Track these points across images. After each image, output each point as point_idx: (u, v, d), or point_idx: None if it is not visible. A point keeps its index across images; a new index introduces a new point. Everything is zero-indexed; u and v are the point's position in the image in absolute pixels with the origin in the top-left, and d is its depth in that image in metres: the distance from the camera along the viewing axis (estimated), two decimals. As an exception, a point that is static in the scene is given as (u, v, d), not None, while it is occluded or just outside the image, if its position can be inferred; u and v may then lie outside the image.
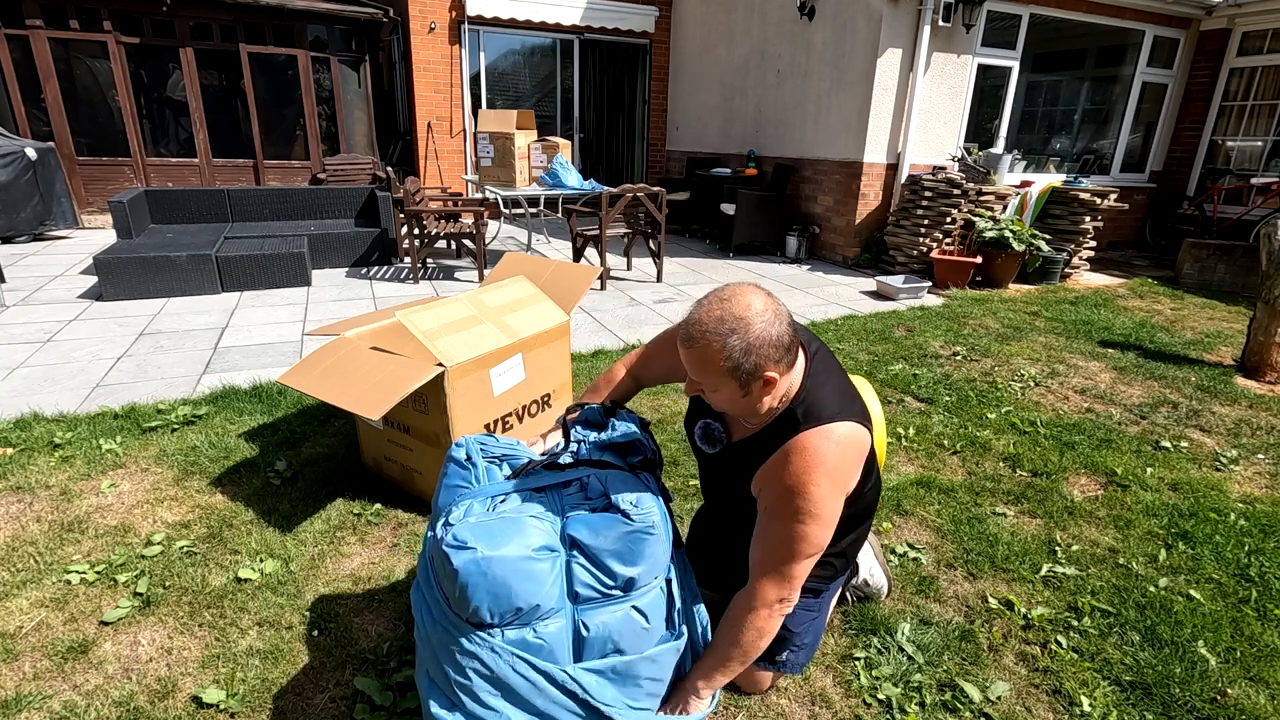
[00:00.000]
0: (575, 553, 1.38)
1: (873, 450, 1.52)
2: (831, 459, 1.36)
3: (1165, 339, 4.85)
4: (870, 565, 2.03)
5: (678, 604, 1.51)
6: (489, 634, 1.33)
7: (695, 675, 1.51)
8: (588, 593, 1.37)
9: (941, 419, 3.39)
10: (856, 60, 6.65)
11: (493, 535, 1.33)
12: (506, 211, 6.73)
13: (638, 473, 1.56)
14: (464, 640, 1.33)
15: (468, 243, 6.64)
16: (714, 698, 1.57)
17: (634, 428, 1.69)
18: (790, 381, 1.40)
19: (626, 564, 1.37)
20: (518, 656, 1.32)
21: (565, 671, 1.34)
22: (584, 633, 1.37)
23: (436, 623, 1.38)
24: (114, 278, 5.03)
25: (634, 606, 1.40)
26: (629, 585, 1.39)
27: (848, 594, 2.03)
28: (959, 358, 4.31)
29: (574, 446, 1.59)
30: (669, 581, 1.49)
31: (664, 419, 3.24)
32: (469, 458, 1.55)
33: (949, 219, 6.30)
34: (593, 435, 1.65)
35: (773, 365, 1.31)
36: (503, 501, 1.45)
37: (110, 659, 1.79)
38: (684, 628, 1.51)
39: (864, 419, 1.45)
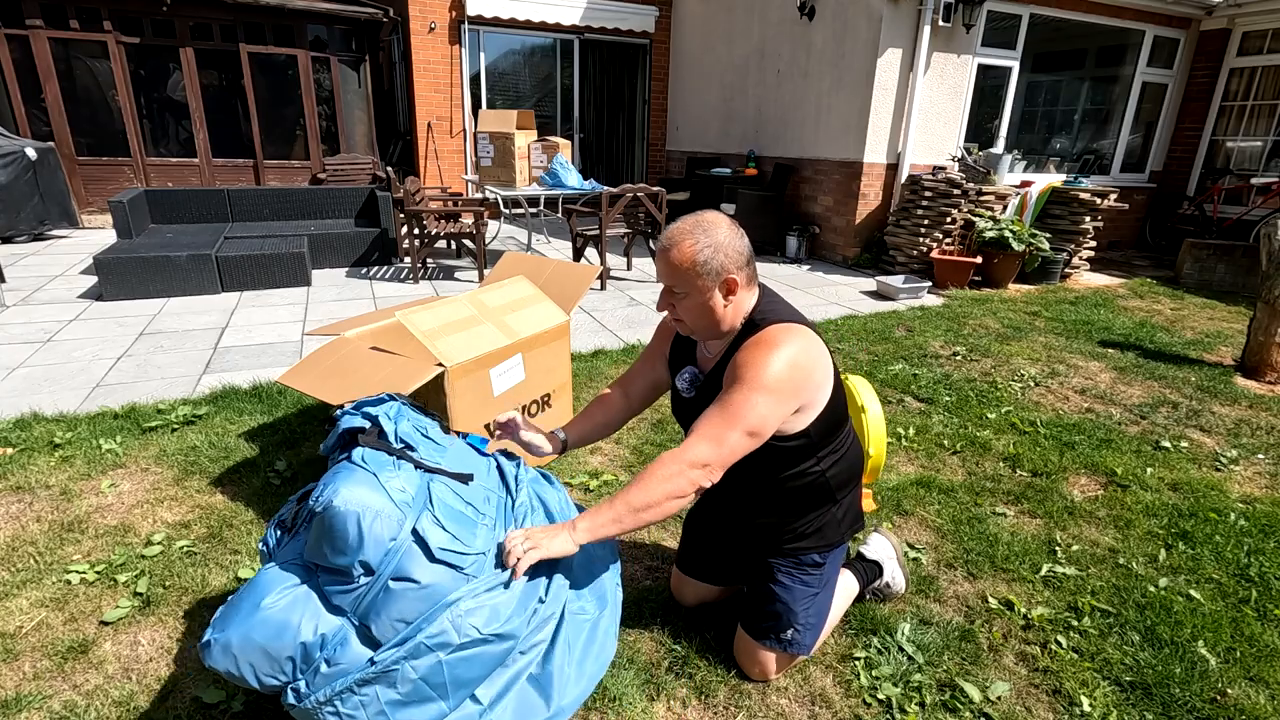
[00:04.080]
0: (312, 575, 1.32)
1: (837, 373, 1.62)
2: (789, 343, 1.46)
3: (1165, 339, 4.85)
4: (893, 570, 2.05)
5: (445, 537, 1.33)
6: (297, 698, 1.25)
7: (583, 514, 1.43)
8: (342, 598, 1.29)
9: (941, 419, 3.39)
10: (856, 60, 6.65)
11: (227, 618, 1.28)
12: (506, 211, 6.73)
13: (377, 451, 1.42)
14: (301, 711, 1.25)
15: (468, 243, 6.64)
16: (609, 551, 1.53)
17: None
18: (750, 298, 1.56)
19: (338, 553, 1.27)
20: (342, 696, 1.24)
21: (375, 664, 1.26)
22: (371, 630, 1.29)
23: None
24: (114, 277, 5.03)
25: (391, 579, 1.27)
26: (366, 569, 1.27)
27: (868, 594, 2.05)
28: (959, 358, 4.31)
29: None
30: (417, 533, 1.31)
31: (664, 418, 3.24)
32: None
33: (949, 219, 6.30)
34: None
35: (736, 270, 1.48)
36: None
37: (110, 659, 1.79)
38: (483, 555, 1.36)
39: (818, 335, 1.57)
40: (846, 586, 1.93)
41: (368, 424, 1.49)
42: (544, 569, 1.40)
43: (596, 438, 1.84)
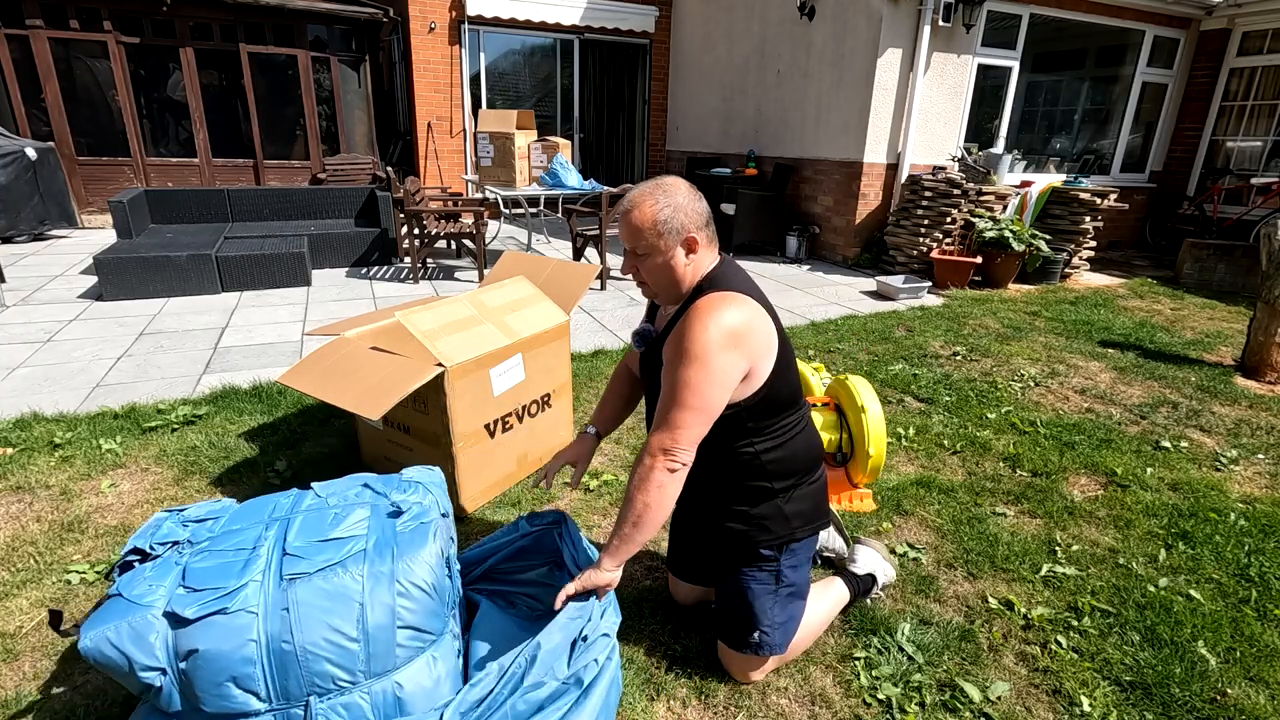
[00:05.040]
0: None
1: (786, 345, 1.60)
2: (725, 313, 1.45)
3: (1165, 339, 4.85)
4: (886, 573, 2.07)
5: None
6: None
7: (602, 553, 1.50)
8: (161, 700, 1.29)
9: (941, 419, 3.39)
10: (856, 60, 6.65)
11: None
12: (506, 211, 6.73)
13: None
14: None
15: (468, 243, 6.64)
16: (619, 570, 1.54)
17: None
18: (709, 261, 1.56)
19: (128, 682, 1.26)
20: None
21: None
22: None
23: None
24: (114, 277, 5.03)
25: (179, 664, 1.25)
26: (158, 671, 1.26)
27: (868, 601, 2.06)
28: (959, 358, 4.31)
29: None
30: (171, 613, 1.27)
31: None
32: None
33: (949, 219, 6.30)
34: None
35: (696, 229, 1.50)
36: None
37: (110, 659, 1.78)
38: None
39: (767, 307, 1.55)
40: (835, 593, 1.92)
41: (133, 556, 1.46)
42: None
43: (625, 417, 1.93)
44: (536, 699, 1.31)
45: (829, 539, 2.21)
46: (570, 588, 1.45)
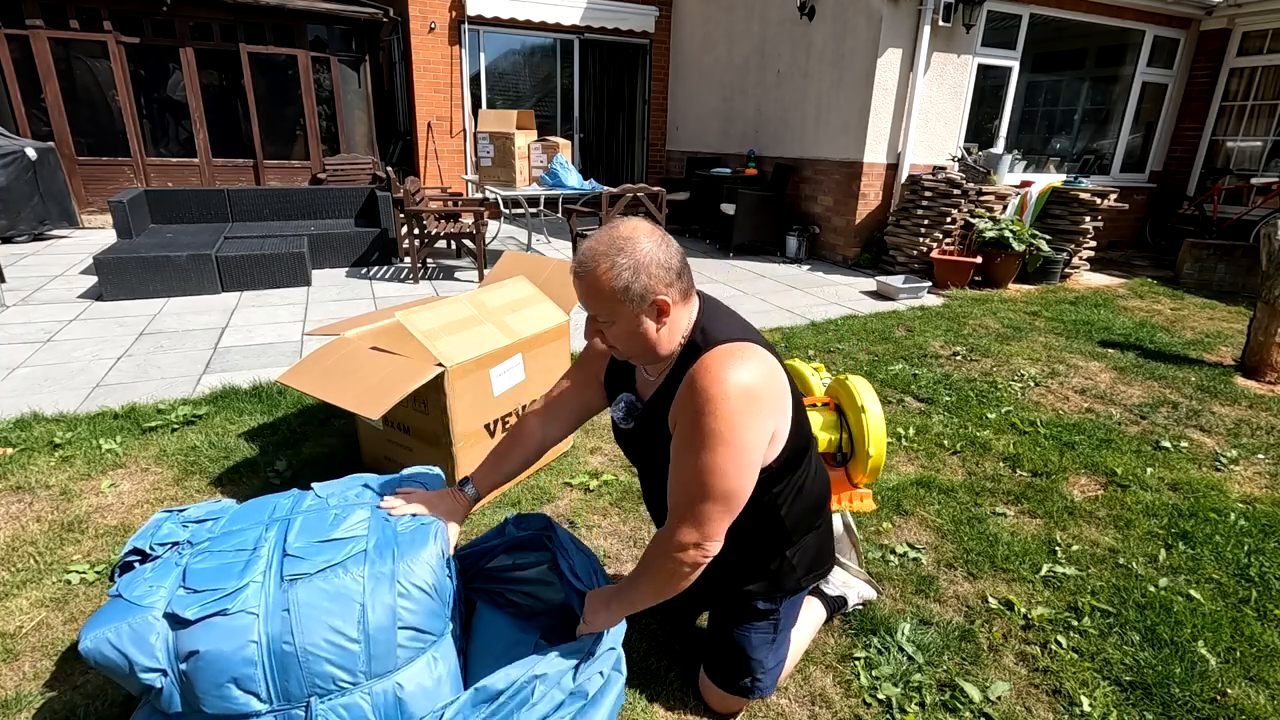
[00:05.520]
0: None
1: (798, 399, 1.42)
2: (739, 372, 1.24)
3: (1165, 339, 4.85)
4: (860, 591, 2.01)
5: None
6: None
7: (604, 601, 1.40)
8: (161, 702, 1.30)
9: (941, 419, 3.39)
10: (856, 60, 6.65)
11: None
12: (506, 211, 6.73)
13: None
14: None
15: (468, 243, 6.64)
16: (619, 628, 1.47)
17: None
18: (687, 316, 1.34)
19: (129, 683, 1.26)
20: None
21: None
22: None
23: None
24: (114, 277, 5.03)
25: (180, 666, 1.26)
26: (158, 672, 1.26)
27: (844, 613, 2.02)
28: (959, 358, 4.31)
29: None
30: (172, 614, 1.27)
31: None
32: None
33: (949, 219, 6.30)
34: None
35: (664, 288, 1.26)
36: None
37: (110, 659, 1.79)
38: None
39: (771, 349, 1.36)
40: (813, 615, 1.86)
41: (134, 557, 1.46)
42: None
43: (511, 480, 1.68)
44: (541, 711, 1.31)
45: (860, 595, 2.01)
46: (580, 631, 1.43)
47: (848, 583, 2.01)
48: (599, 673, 1.38)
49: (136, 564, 1.43)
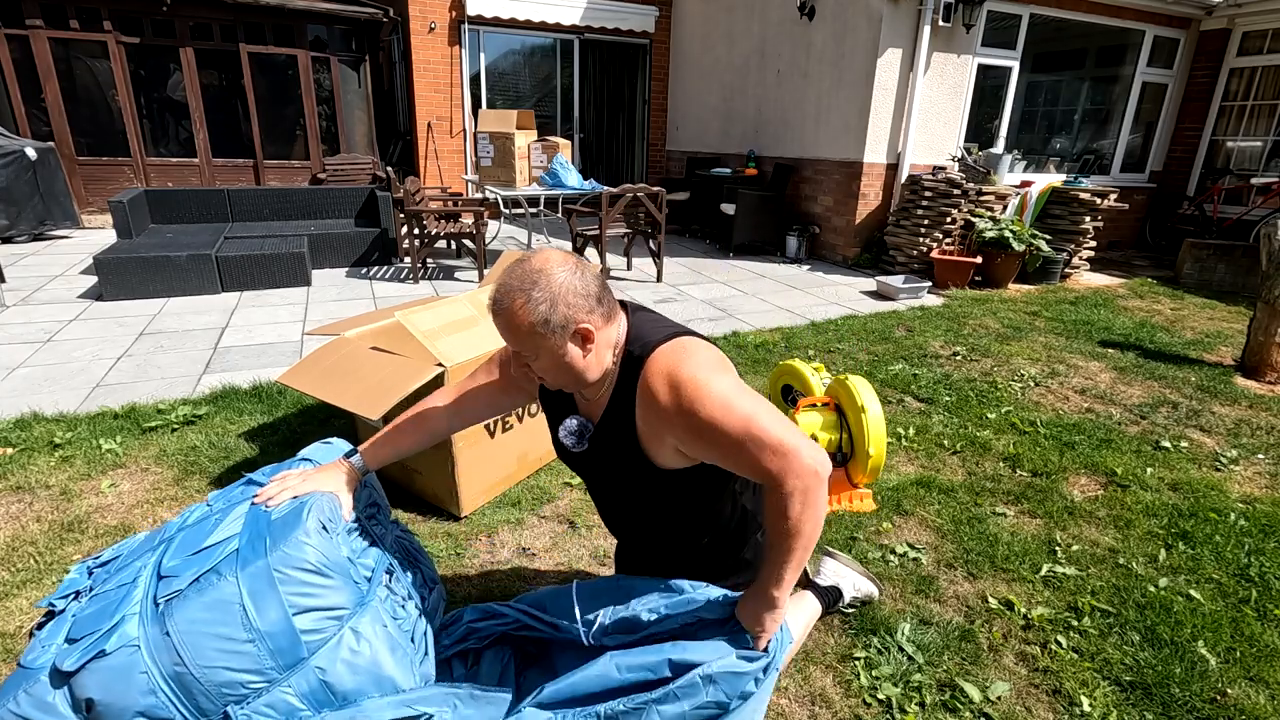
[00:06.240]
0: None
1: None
2: (693, 355, 1.26)
3: (1165, 339, 4.85)
4: (856, 583, 2.01)
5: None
6: None
7: (765, 584, 1.30)
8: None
9: (941, 419, 3.39)
10: (856, 60, 6.65)
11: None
12: (506, 211, 6.73)
13: None
14: None
15: (468, 243, 6.64)
16: (783, 636, 1.39)
17: None
18: (616, 335, 1.32)
19: None
20: None
21: None
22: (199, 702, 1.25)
23: None
24: (114, 277, 5.03)
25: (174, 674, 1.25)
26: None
27: (843, 610, 2.02)
28: (959, 358, 4.31)
29: None
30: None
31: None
32: None
33: (949, 219, 6.30)
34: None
35: (585, 315, 1.24)
36: None
37: (110, 659, 1.78)
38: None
39: (707, 342, 1.36)
40: (807, 608, 1.84)
41: (44, 618, 1.44)
42: None
43: (398, 458, 1.63)
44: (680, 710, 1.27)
45: (856, 587, 2.02)
46: (760, 643, 1.34)
47: (839, 572, 2.01)
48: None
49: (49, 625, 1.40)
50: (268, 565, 1.28)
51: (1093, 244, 6.80)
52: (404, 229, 6.24)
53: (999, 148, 7.23)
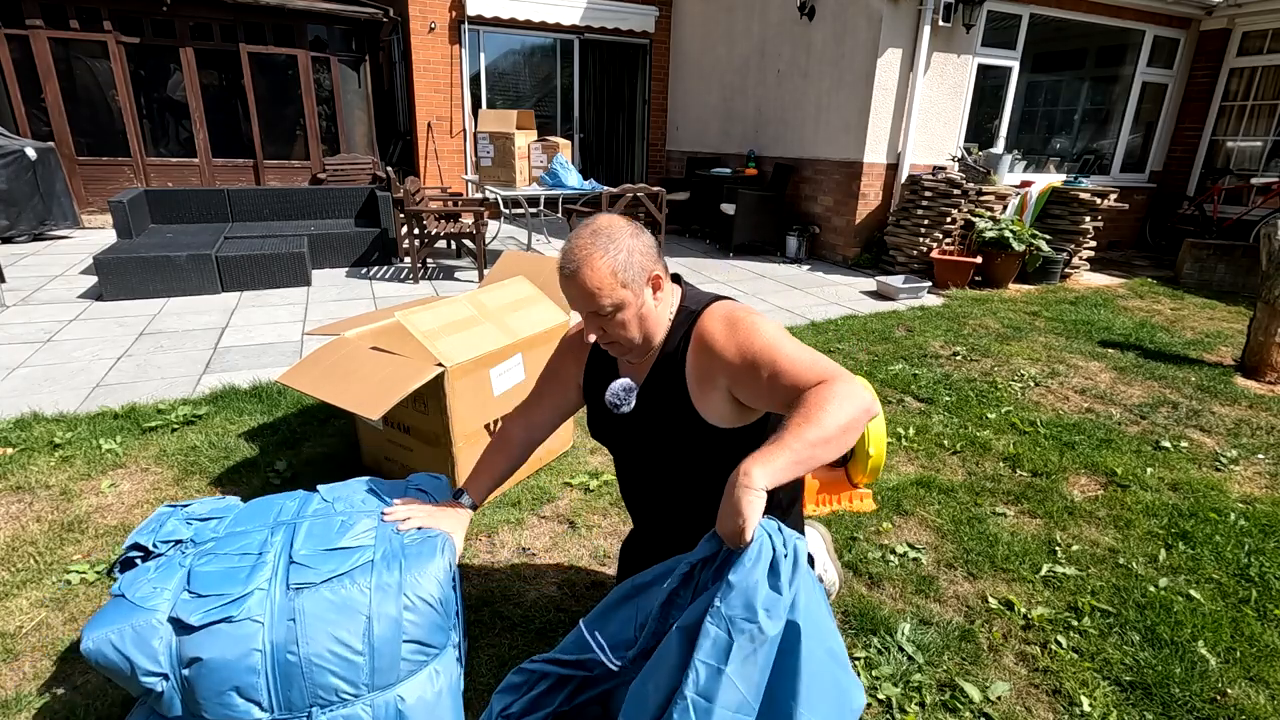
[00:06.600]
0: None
1: None
2: (747, 308, 1.38)
3: (1165, 339, 4.85)
4: (824, 562, 1.98)
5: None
6: None
7: (749, 460, 1.11)
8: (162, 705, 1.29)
9: (941, 419, 3.39)
10: (856, 60, 6.65)
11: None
12: (506, 211, 6.73)
13: None
14: None
15: (468, 243, 6.64)
16: (768, 533, 1.12)
17: None
18: (673, 288, 1.46)
19: (130, 685, 1.26)
20: None
21: None
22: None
23: None
24: (114, 277, 5.03)
25: (183, 671, 1.23)
26: (159, 676, 1.24)
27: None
28: (959, 358, 4.31)
29: None
30: (175, 619, 1.25)
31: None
32: None
33: (949, 219, 6.30)
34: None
35: (654, 264, 1.37)
36: None
37: (110, 659, 1.78)
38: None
39: None
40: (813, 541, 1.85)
41: (135, 553, 1.45)
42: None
43: (505, 482, 1.69)
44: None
45: (825, 572, 1.97)
46: (744, 535, 1.08)
47: (815, 544, 1.95)
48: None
49: (138, 560, 1.42)
50: (399, 587, 1.31)
51: (1093, 244, 6.80)
52: (404, 229, 6.24)
53: (999, 148, 7.23)
